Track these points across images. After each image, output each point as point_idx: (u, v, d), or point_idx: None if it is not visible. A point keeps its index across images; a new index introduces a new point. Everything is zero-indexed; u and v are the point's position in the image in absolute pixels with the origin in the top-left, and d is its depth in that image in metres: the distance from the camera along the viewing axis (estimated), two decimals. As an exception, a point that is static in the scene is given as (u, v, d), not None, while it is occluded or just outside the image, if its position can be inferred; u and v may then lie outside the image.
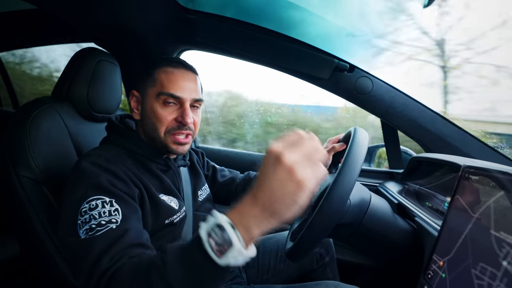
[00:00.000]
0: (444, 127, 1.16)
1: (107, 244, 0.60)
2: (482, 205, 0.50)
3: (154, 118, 0.84)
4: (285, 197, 0.44)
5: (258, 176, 0.47)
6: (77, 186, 0.70)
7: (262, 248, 1.17)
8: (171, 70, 0.85)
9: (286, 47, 1.23)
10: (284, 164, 0.44)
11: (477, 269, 0.46)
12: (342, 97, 1.29)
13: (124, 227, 0.64)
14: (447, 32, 2.17)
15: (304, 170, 0.44)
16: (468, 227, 0.51)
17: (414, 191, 1.06)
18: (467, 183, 0.56)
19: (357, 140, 0.71)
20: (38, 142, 0.86)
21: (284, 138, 0.47)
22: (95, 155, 0.77)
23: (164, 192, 0.86)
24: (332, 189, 0.63)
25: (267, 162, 0.46)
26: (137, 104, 0.89)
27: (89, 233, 0.62)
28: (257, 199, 0.47)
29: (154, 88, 0.84)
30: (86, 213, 0.65)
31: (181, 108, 0.84)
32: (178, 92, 0.83)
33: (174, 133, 0.84)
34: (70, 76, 1.00)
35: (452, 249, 0.54)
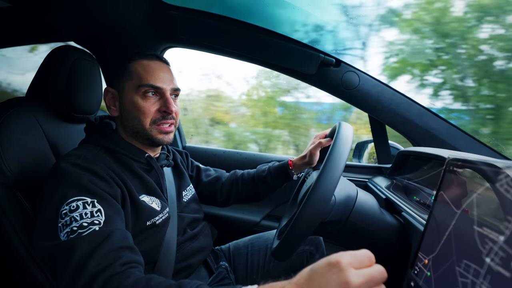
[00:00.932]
0: (431, 121, 1.15)
1: (92, 246, 0.58)
2: (466, 200, 0.48)
3: (136, 111, 0.83)
4: None
5: (310, 273, 0.42)
6: (56, 187, 0.67)
7: (251, 248, 1.15)
8: (147, 63, 0.85)
9: (271, 42, 1.21)
10: (348, 283, 0.39)
11: (461, 267, 0.44)
12: (329, 92, 1.28)
13: (108, 228, 0.62)
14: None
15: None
16: (452, 223, 0.50)
17: (402, 186, 1.05)
18: (452, 177, 0.54)
19: (341, 135, 0.69)
20: (10, 145, 0.82)
21: (353, 253, 0.42)
22: (74, 156, 0.74)
23: (146, 192, 0.84)
24: (315, 187, 0.62)
25: (328, 269, 0.41)
26: (114, 101, 0.87)
27: (70, 236, 0.59)
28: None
29: (132, 81, 0.83)
30: (67, 215, 0.62)
31: (162, 98, 0.85)
32: (157, 82, 0.84)
33: (159, 123, 0.84)
34: (45, 76, 0.96)
35: (437, 247, 0.52)
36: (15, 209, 0.81)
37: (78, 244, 0.58)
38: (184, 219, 0.95)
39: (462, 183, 0.51)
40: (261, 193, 1.14)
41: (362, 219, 0.78)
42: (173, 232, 0.89)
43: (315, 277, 0.41)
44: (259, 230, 1.36)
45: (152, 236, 0.82)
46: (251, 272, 1.11)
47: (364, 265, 0.42)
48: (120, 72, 0.86)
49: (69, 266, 0.55)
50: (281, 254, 0.75)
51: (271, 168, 1.13)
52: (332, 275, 0.40)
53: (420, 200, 0.88)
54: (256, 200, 1.17)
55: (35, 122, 0.90)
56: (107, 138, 0.84)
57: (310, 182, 0.84)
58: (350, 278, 0.39)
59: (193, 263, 0.92)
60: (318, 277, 0.41)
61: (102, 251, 0.57)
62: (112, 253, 0.58)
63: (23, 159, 0.84)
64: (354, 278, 0.39)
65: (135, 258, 0.61)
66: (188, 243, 0.93)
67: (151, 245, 0.81)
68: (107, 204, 0.67)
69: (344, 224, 0.77)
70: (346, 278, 0.39)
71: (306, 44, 1.21)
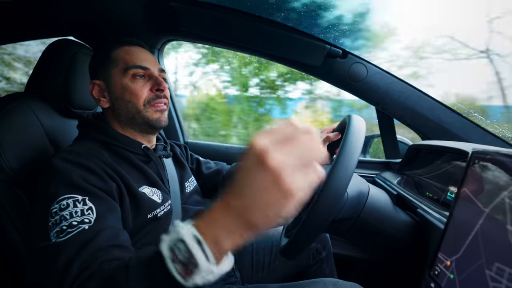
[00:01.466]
0: (443, 114, 1.11)
1: (78, 247, 0.54)
2: (495, 197, 0.44)
3: (128, 95, 0.82)
4: (266, 207, 0.35)
5: (234, 177, 0.37)
6: (47, 185, 0.64)
7: (256, 245, 1.12)
8: (129, 48, 0.86)
9: (275, 33, 1.17)
10: (269, 166, 0.33)
11: (492, 270, 0.41)
12: (335, 85, 1.24)
13: (98, 227, 0.59)
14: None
15: (295, 175, 0.34)
16: (479, 222, 0.46)
17: (413, 181, 1.02)
18: (476, 172, 0.50)
19: (353, 128, 0.65)
20: (10, 141, 0.79)
21: (273, 130, 0.36)
22: (66, 151, 0.72)
23: (147, 183, 0.81)
24: (328, 183, 0.58)
25: (248, 162, 0.35)
26: (102, 92, 0.85)
27: (60, 235, 0.56)
28: (231, 207, 0.38)
29: (117, 67, 0.83)
30: (57, 214, 0.59)
31: (152, 78, 0.84)
32: (144, 63, 0.83)
33: (153, 103, 0.83)
34: (44, 70, 0.93)
35: (461, 247, 0.48)
36: (16, 206, 0.79)
37: (65, 246, 0.55)
38: (188, 211, 0.92)
39: (489, 179, 0.47)
40: None
41: (374, 216, 0.74)
42: None
43: (238, 179, 0.37)
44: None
45: (155, 229, 0.79)
46: (257, 269, 1.08)
47: (288, 139, 0.35)
48: (103, 62, 0.84)
49: (55, 272, 0.52)
50: (290, 253, 0.72)
51: None
52: (251, 166, 0.35)
53: (433, 196, 0.85)
54: None
55: (34, 118, 0.87)
56: (101, 131, 0.82)
57: None
58: (269, 160, 0.33)
59: None
60: (240, 176, 0.37)
61: (87, 252, 0.54)
62: (98, 252, 0.55)
63: (22, 155, 0.81)
64: (275, 158, 0.33)
65: (122, 255, 0.56)
66: None
67: (155, 238, 0.78)
68: (99, 201, 0.64)
69: (356, 221, 0.74)
70: (265, 162, 0.33)
71: (311, 35, 1.17)
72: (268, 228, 0.36)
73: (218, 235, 0.39)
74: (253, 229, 0.37)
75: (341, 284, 0.80)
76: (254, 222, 0.36)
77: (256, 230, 0.37)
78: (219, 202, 0.39)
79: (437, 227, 0.66)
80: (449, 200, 0.78)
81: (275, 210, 0.35)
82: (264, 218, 0.36)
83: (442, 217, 0.67)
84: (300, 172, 0.35)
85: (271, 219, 0.36)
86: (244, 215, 0.37)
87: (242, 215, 0.37)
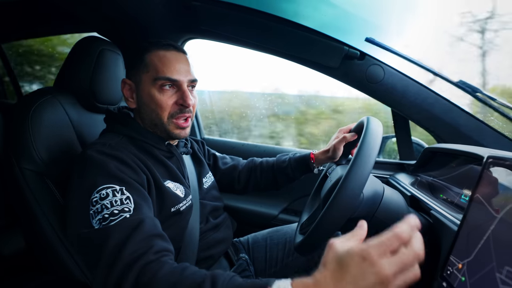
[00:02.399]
0: (459, 117, 1.11)
1: (124, 235, 0.58)
2: (508, 202, 0.46)
3: (153, 105, 0.83)
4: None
5: (339, 267, 0.42)
6: (85, 176, 0.68)
7: (270, 241, 1.15)
8: (163, 53, 0.84)
9: (294, 34, 1.19)
10: (380, 275, 0.39)
11: (503, 273, 0.42)
12: (352, 86, 1.25)
13: (138, 216, 0.63)
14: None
15: (400, 280, 0.40)
16: (491, 228, 0.47)
17: (427, 183, 1.03)
18: (491, 177, 0.52)
19: (370, 130, 0.67)
20: (40, 134, 0.84)
21: (380, 241, 0.41)
22: (99, 144, 0.75)
23: (170, 178, 0.85)
24: (344, 182, 0.60)
25: (359, 263, 0.40)
26: (131, 92, 0.87)
27: (103, 223, 0.60)
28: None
29: (148, 73, 0.83)
30: (98, 202, 0.63)
31: (180, 91, 0.84)
32: (174, 75, 0.82)
33: (176, 117, 0.84)
34: (72, 66, 0.97)
35: (473, 251, 0.50)
36: (46, 196, 0.83)
37: (111, 232, 0.59)
38: (206, 206, 0.96)
39: (503, 184, 0.49)
40: (280, 183, 1.14)
41: (388, 217, 0.76)
42: (196, 220, 0.89)
43: (348, 270, 0.41)
44: (277, 224, 1.36)
45: (176, 223, 0.82)
46: (270, 265, 1.11)
47: (394, 247, 0.41)
48: (136, 64, 0.85)
49: (103, 255, 0.56)
50: (305, 249, 0.74)
51: (292, 159, 1.12)
52: (365, 269, 0.40)
53: (447, 198, 0.86)
54: (274, 189, 1.18)
55: (63, 112, 0.91)
56: (127, 126, 0.85)
57: (335, 177, 0.83)
58: (385, 271, 0.39)
59: (215, 253, 0.93)
60: (351, 271, 0.40)
61: (135, 239, 0.58)
62: (145, 241, 0.59)
63: (52, 148, 0.86)
64: (388, 268, 0.39)
65: (166, 246, 0.62)
66: (210, 233, 0.94)
67: (175, 232, 0.82)
68: (135, 191, 0.68)
69: (370, 221, 0.76)
70: (381, 272, 0.39)
71: (330, 36, 1.18)
72: None
73: None
74: None
75: None
76: None
77: None
78: (320, 278, 0.43)
79: (450, 229, 0.67)
80: (463, 203, 0.79)
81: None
82: None
83: (456, 219, 0.69)
84: (403, 277, 0.41)
85: None
86: None
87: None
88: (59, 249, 0.84)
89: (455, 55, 2.08)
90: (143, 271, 0.54)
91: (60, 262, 0.85)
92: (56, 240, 0.83)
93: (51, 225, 0.83)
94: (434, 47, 2.00)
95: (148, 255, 0.56)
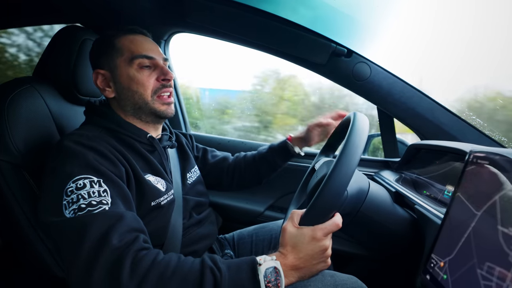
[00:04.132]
0: (442, 116, 1.14)
1: (106, 225, 0.57)
2: (489, 198, 0.46)
3: (135, 86, 0.82)
4: (316, 265, 0.62)
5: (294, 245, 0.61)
6: (61, 165, 0.65)
7: (256, 237, 1.14)
8: (133, 37, 0.86)
9: (282, 30, 1.18)
10: (323, 247, 0.61)
11: (483, 269, 0.43)
12: (338, 83, 1.25)
13: (117, 210, 0.61)
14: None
15: (329, 251, 0.63)
16: (472, 224, 0.48)
17: (411, 180, 1.04)
18: (473, 172, 0.52)
19: (357, 127, 0.66)
20: (17, 125, 0.80)
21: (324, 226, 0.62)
22: (77, 134, 0.73)
23: (151, 172, 0.83)
24: (328, 181, 0.59)
25: (309, 241, 0.61)
26: (107, 82, 0.85)
27: (78, 213, 0.58)
28: (298, 265, 0.61)
29: (123, 56, 0.83)
30: (73, 192, 0.61)
31: (157, 68, 0.85)
32: (149, 53, 0.84)
33: (159, 94, 0.84)
34: (53, 55, 0.94)
35: (454, 249, 0.50)
36: (23, 188, 0.80)
37: (91, 221, 0.57)
38: (189, 202, 0.94)
39: (485, 179, 0.49)
40: (262, 173, 1.15)
41: (373, 211, 0.77)
42: (178, 215, 0.88)
43: (303, 245, 0.61)
44: (263, 220, 1.35)
45: (157, 218, 0.81)
46: (255, 261, 1.11)
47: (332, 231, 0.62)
48: (108, 50, 0.84)
49: (84, 244, 0.54)
50: None
51: (271, 146, 1.15)
52: (314, 244, 0.61)
53: (431, 194, 0.87)
54: (257, 182, 1.18)
55: (42, 102, 0.88)
56: (107, 118, 0.83)
57: (321, 173, 0.83)
58: (326, 245, 0.62)
59: (199, 249, 0.92)
60: (304, 248, 0.61)
61: (119, 230, 0.57)
62: (130, 232, 0.58)
63: (30, 139, 0.82)
64: (327, 244, 0.62)
65: (149, 241, 0.61)
66: (194, 228, 0.92)
67: (157, 227, 0.80)
68: (112, 185, 0.66)
69: (355, 216, 0.76)
70: (324, 246, 0.61)
71: (317, 33, 1.18)
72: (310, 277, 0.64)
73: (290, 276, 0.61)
74: (303, 276, 0.62)
75: (338, 276, 0.82)
76: (306, 272, 0.62)
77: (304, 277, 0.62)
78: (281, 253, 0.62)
79: (434, 223, 0.68)
80: (446, 199, 0.80)
81: (319, 267, 0.63)
82: (312, 270, 0.62)
83: (440, 214, 0.70)
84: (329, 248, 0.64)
85: (314, 272, 0.63)
86: (303, 267, 0.61)
87: (302, 267, 0.61)
88: (36, 243, 0.81)
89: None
90: (140, 257, 0.54)
91: (37, 257, 0.82)
92: (33, 234, 0.80)
93: (28, 219, 0.79)
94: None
95: (137, 243, 0.56)
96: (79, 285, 0.55)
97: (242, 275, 0.57)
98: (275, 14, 1.19)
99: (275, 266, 0.57)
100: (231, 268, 0.57)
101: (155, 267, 0.54)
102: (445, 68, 1.79)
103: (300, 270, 0.60)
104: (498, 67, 1.57)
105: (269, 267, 0.57)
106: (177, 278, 0.54)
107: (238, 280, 0.56)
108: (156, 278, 0.53)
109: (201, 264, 0.57)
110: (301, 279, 0.61)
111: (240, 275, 0.57)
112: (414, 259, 0.71)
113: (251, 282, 0.56)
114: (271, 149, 1.14)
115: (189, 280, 0.54)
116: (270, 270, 0.57)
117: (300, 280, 0.61)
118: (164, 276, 0.54)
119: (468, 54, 1.69)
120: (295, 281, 0.61)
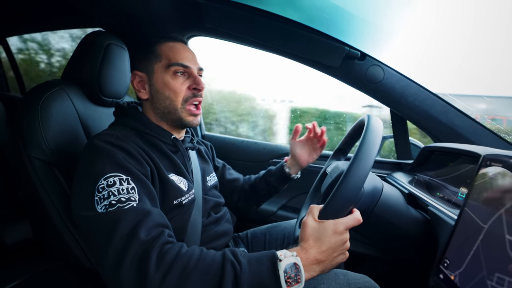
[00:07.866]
0: (456, 118, 1.14)
1: (135, 220, 0.61)
2: (504, 201, 0.46)
3: (168, 91, 0.87)
4: (336, 257, 0.65)
5: (317, 239, 0.64)
6: (92, 163, 0.70)
7: (269, 236, 1.17)
8: (173, 44, 0.90)
9: (297, 33, 1.21)
10: (343, 240, 0.66)
11: (493, 280, 0.43)
12: (352, 86, 1.27)
13: (144, 207, 0.65)
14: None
15: (348, 243, 0.67)
16: (480, 237, 0.48)
17: (424, 182, 1.05)
18: (486, 175, 0.53)
19: (371, 128, 0.69)
20: (49, 124, 0.86)
21: (345, 220, 0.66)
22: (107, 135, 0.77)
23: (174, 171, 0.87)
24: (347, 175, 0.62)
25: (332, 234, 0.64)
26: (143, 84, 0.90)
27: (109, 208, 0.62)
28: (320, 259, 0.63)
29: (161, 62, 0.87)
30: (104, 189, 0.65)
31: (191, 77, 0.89)
32: (185, 61, 0.88)
33: (189, 103, 0.88)
34: (79, 59, 0.99)
35: (464, 262, 0.51)
36: (53, 185, 0.85)
37: (121, 216, 0.61)
38: (209, 201, 0.98)
39: (498, 184, 0.49)
40: (261, 197, 1.22)
41: (387, 212, 0.78)
42: (198, 213, 0.91)
43: (324, 241, 0.64)
44: (275, 220, 1.38)
45: (178, 216, 0.84)
46: (268, 259, 1.13)
47: (352, 225, 0.67)
48: (148, 55, 0.89)
49: (115, 237, 0.58)
50: None
51: (271, 168, 1.20)
52: (336, 238, 0.64)
53: (444, 196, 0.88)
54: (256, 206, 1.26)
55: (70, 104, 0.93)
56: (135, 119, 0.87)
57: (335, 172, 0.85)
58: (346, 238, 0.66)
59: (217, 246, 0.95)
60: (327, 241, 0.64)
61: (147, 225, 0.61)
62: (156, 227, 0.62)
63: (59, 138, 0.88)
64: (347, 237, 0.66)
65: (173, 235, 0.65)
66: (212, 226, 0.96)
67: (177, 225, 0.84)
68: (139, 183, 0.70)
69: (369, 216, 0.78)
70: (344, 239, 0.66)
71: (331, 36, 1.20)
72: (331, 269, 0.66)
73: (311, 270, 0.63)
74: (324, 268, 0.64)
75: (351, 275, 0.84)
76: (327, 265, 0.64)
77: (325, 269, 0.65)
78: (303, 247, 0.64)
79: (448, 224, 0.69)
80: (459, 201, 0.81)
81: (339, 259, 0.66)
82: (333, 263, 0.65)
83: (453, 215, 0.71)
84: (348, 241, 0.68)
85: (334, 264, 0.65)
86: (325, 261, 0.64)
87: (324, 261, 0.64)
88: (65, 235, 0.86)
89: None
90: (165, 250, 0.58)
91: (66, 249, 0.87)
92: (63, 226, 0.85)
93: (58, 212, 0.85)
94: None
95: (163, 238, 0.60)
96: (109, 275, 0.59)
97: (263, 269, 0.59)
98: (290, 19, 1.22)
99: (295, 262, 0.59)
100: (251, 262, 0.60)
101: (179, 259, 0.58)
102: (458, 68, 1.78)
103: (322, 263, 0.63)
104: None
105: (289, 263, 0.59)
106: (199, 271, 0.57)
107: (259, 274, 0.58)
108: (180, 270, 0.57)
109: (222, 257, 0.60)
110: (322, 273, 0.64)
111: (261, 269, 0.59)
112: (427, 261, 0.73)
113: (271, 276, 0.58)
114: (270, 172, 1.19)
115: (210, 272, 0.58)
116: (290, 266, 0.58)
117: (321, 273, 0.63)
118: (187, 268, 0.57)
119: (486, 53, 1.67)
120: (316, 275, 0.63)
